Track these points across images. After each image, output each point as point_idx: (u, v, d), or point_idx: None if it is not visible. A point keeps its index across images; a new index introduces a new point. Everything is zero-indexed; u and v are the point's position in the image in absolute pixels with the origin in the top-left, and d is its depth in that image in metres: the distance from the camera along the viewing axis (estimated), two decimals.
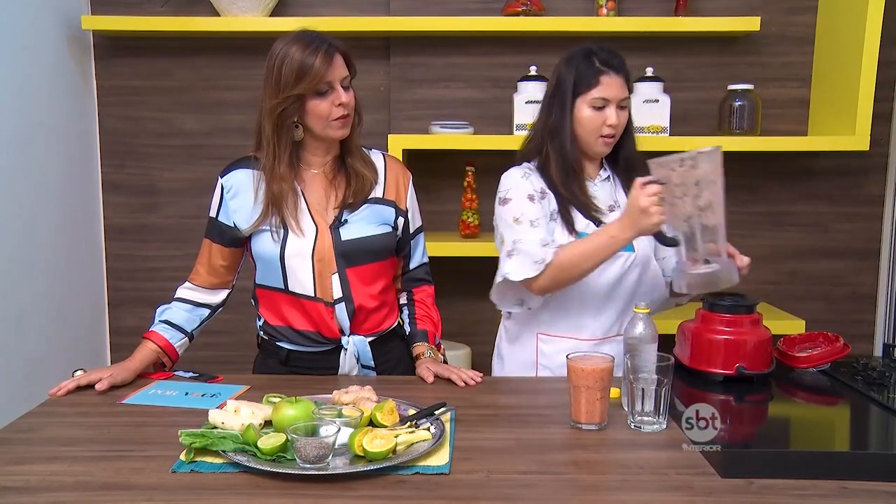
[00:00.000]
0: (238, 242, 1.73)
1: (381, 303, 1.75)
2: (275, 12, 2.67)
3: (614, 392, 1.46)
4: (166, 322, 1.73)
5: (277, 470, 1.18)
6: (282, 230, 1.66)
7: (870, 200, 2.82)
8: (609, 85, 1.72)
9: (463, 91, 2.78)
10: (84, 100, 2.75)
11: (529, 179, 1.76)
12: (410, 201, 1.80)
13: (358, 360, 1.74)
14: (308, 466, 1.18)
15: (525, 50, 2.71)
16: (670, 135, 2.60)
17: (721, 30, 2.61)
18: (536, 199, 1.74)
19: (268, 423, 1.33)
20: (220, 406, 1.42)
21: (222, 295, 1.79)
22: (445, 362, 1.78)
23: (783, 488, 1.16)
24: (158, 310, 1.76)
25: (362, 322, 1.73)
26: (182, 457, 1.24)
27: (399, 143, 2.57)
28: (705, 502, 1.12)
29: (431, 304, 1.85)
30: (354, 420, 1.28)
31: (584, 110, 1.73)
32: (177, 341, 1.73)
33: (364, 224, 1.70)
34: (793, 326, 2.56)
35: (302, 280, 1.67)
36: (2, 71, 2.26)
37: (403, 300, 1.84)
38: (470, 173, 2.71)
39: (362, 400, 1.40)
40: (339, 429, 1.22)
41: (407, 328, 1.82)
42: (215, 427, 1.32)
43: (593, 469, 1.24)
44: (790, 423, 1.54)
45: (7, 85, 2.28)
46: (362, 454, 1.21)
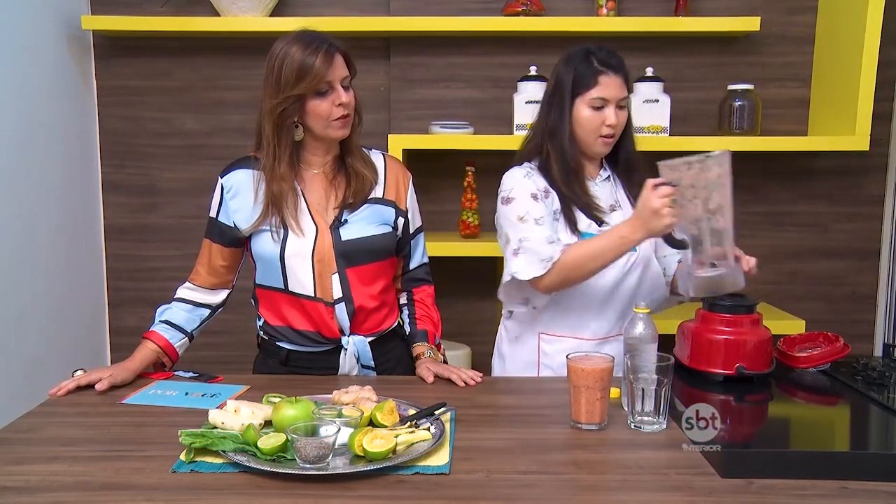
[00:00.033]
0: (238, 242, 1.73)
1: (381, 303, 1.75)
2: (275, 12, 2.67)
3: (614, 392, 1.46)
4: (166, 322, 1.73)
5: (277, 470, 1.18)
6: (282, 230, 1.66)
7: (870, 200, 2.82)
8: (608, 85, 1.71)
9: (463, 91, 2.78)
10: (84, 100, 2.75)
11: (532, 179, 1.76)
12: (410, 201, 1.80)
13: (358, 360, 1.74)
14: (308, 466, 1.18)
15: (525, 50, 2.71)
16: (670, 135, 2.60)
17: (721, 30, 2.61)
18: (540, 198, 1.74)
19: (268, 423, 1.33)
20: (220, 406, 1.42)
21: (222, 295, 1.79)
22: (445, 362, 1.78)
23: (783, 488, 1.16)
24: (158, 310, 1.76)
25: (362, 322, 1.73)
26: (182, 457, 1.24)
27: (399, 143, 2.57)
28: (705, 502, 1.12)
29: (431, 304, 1.85)
30: (354, 420, 1.28)
31: (583, 110, 1.73)
32: (177, 341, 1.73)
33: (364, 224, 1.70)
34: (793, 326, 2.56)
35: (302, 280, 1.67)
36: (2, 71, 2.26)
37: (403, 300, 1.84)
38: (470, 173, 2.71)
39: (362, 400, 1.40)
40: (339, 429, 1.22)
41: (407, 328, 1.82)
42: (215, 427, 1.32)
43: (593, 469, 1.24)
44: (790, 423, 1.54)
45: (7, 85, 2.28)
46: (362, 454, 1.21)
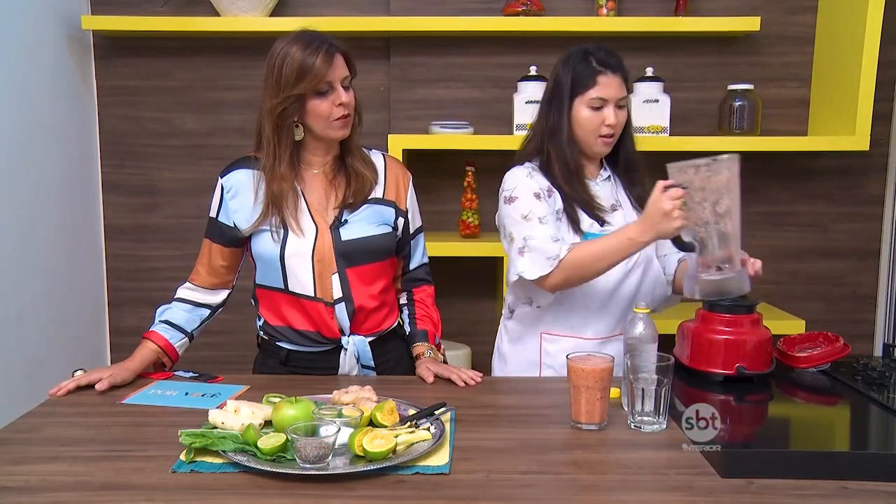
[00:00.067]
0: (238, 242, 1.73)
1: (381, 303, 1.75)
2: (275, 12, 2.67)
3: (614, 392, 1.46)
4: (166, 322, 1.73)
5: (277, 470, 1.18)
6: (282, 230, 1.66)
7: (870, 200, 2.82)
8: (606, 85, 1.71)
9: (463, 91, 2.78)
10: (84, 100, 2.75)
11: (534, 178, 1.76)
12: (410, 202, 1.80)
13: (358, 360, 1.74)
14: (308, 466, 1.18)
15: (525, 50, 2.71)
16: (670, 135, 2.60)
17: (721, 30, 2.61)
18: (543, 197, 1.73)
19: (268, 423, 1.33)
20: (220, 406, 1.42)
21: (222, 295, 1.79)
22: (445, 362, 1.78)
23: (783, 488, 1.16)
24: (158, 310, 1.76)
25: (362, 322, 1.73)
26: (182, 457, 1.24)
27: (399, 143, 2.57)
28: (705, 502, 1.12)
29: (431, 304, 1.85)
30: (354, 420, 1.28)
31: (583, 111, 1.73)
32: (177, 341, 1.73)
33: (364, 224, 1.70)
34: (793, 326, 2.56)
35: (302, 280, 1.67)
36: (2, 71, 2.26)
37: (403, 300, 1.84)
38: (470, 173, 2.71)
39: (362, 400, 1.40)
40: (339, 429, 1.22)
41: (407, 328, 1.82)
42: (215, 427, 1.32)
43: (593, 469, 1.23)
44: (790, 423, 1.53)
45: (7, 85, 2.28)
46: (362, 454, 1.21)
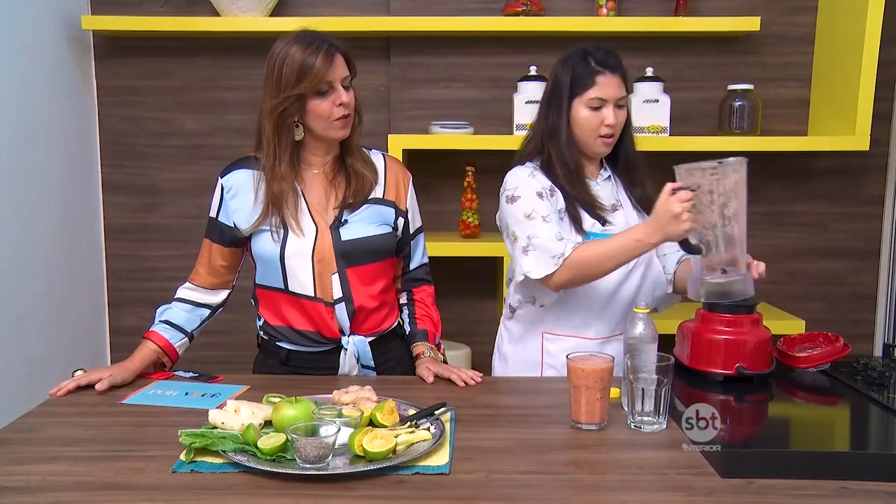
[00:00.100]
0: (238, 242, 1.73)
1: (381, 303, 1.75)
2: (275, 12, 2.67)
3: (614, 392, 1.46)
4: (166, 322, 1.73)
5: (277, 470, 1.18)
6: (282, 230, 1.66)
7: (870, 200, 2.82)
8: (605, 85, 1.71)
9: (463, 91, 2.78)
10: (84, 100, 2.75)
11: (536, 177, 1.76)
12: (410, 202, 1.80)
13: (358, 360, 1.74)
14: (308, 466, 1.18)
15: (525, 50, 2.71)
16: (670, 135, 2.60)
17: (721, 30, 2.61)
18: (545, 196, 1.73)
19: (268, 423, 1.33)
20: (220, 406, 1.42)
21: (222, 295, 1.79)
22: (445, 362, 1.78)
23: (783, 488, 1.16)
24: (158, 310, 1.76)
25: (362, 322, 1.73)
26: (182, 457, 1.24)
27: (399, 143, 2.57)
28: (705, 502, 1.12)
29: (431, 304, 1.85)
30: (354, 420, 1.28)
31: (582, 111, 1.73)
32: (177, 341, 1.73)
33: (364, 224, 1.70)
34: (793, 326, 2.56)
35: (302, 280, 1.67)
36: (2, 71, 2.26)
37: (403, 300, 1.84)
38: (470, 173, 2.71)
39: (362, 400, 1.40)
40: (339, 429, 1.22)
41: (407, 328, 1.82)
42: (215, 427, 1.32)
43: (593, 469, 1.23)
44: (790, 423, 1.53)
45: (7, 85, 2.28)
46: (362, 454, 1.21)
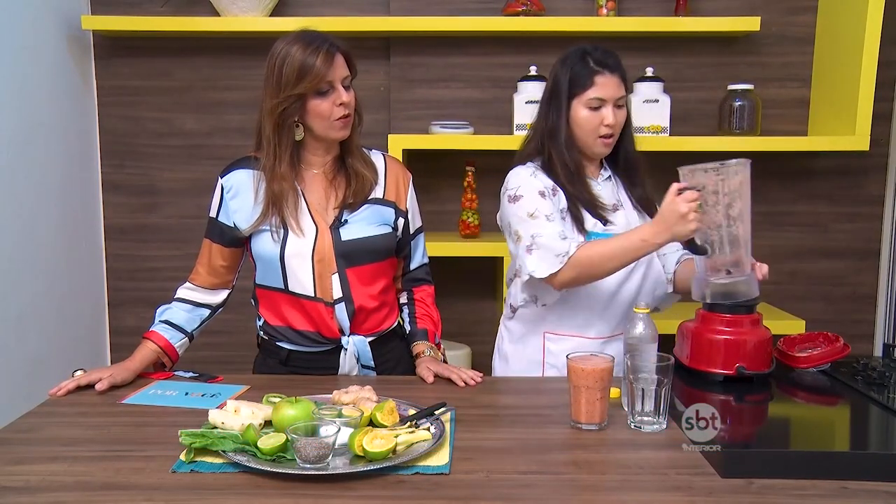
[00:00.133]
0: (238, 242, 1.73)
1: (382, 303, 1.75)
2: (275, 12, 2.67)
3: (614, 392, 1.46)
4: (166, 322, 1.73)
5: (277, 470, 1.18)
6: (282, 230, 1.66)
7: (870, 200, 2.82)
8: (604, 85, 1.71)
9: (463, 91, 2.78)
10: (84, 100, 2.75)
11: (538, 177, 1.75)
12: (410, 202, 1.80)
13: (358, 360, 1.74)
14: (308, 466, 1.18)
15: (525, 50, 2.71)
16: (670, 135, 2.60)
17: (721, 30, 2.61)
18: (548, 196, 1.73)
19: (268, 423, 1.33)
20: (220, 406, 1.42)
21: (222, 295, 1.79)
22: (445, 362, 1.78)
23: (783, 488, 1.16)
24: (158, 310, 1.76)
25: (362, 322, 1.73)
26: (182, 457, 1.24)
27: (399, 143, 2.57)
28: (705, 502, 1.12)
29: (431, 304, 1.86)
30: (354, 420, 1.28)
31: (581, 111, 1.73)
32: (177, 341, 1.73)
33: (364, 224, 1.70)
34: (793, 326, 2.56)
35: (302, 280, 1.67)
36: (2, 71, 2.26)
37: (404, 299, 1.84)
38: (470, 173, 2.71)
39: (362, 400, 1.40)
40: (339, 429, 1.22)
41: (407, 327, 1.82)
42: (215, 427, 1.32)
43: (593, 469, 1.23)
44: (790, 423, 1.53)
45: (7, 85, 2.28)
46: (362, 454, 1.21)
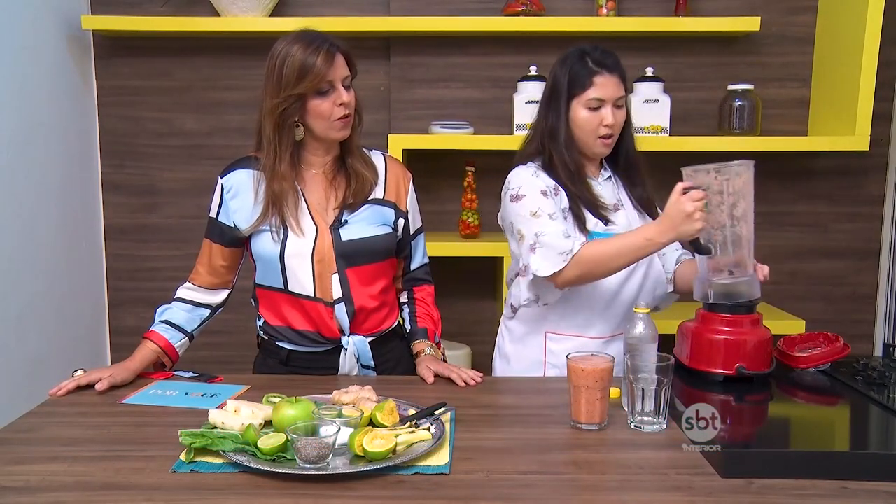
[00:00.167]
0: (238, 242, 1.73)
1: (382, 303, 1.75)
2: (275, 12, 2.67)
3: (614, 392, 1.46)
4: (166, 322, 1.73)
5: (277, 470, 1.18)
6: (282, 230, 1.66)
7: (870, 200, 2.82)
8: (603, 85, 1.71)
9: (463, 91, 2.78)
10: (84, 100, 2.75)
11: (540, 177, 1.75)
12: (411, 202, 1.80)
13: (358, 360, 1.74)
14: (308, 466, 1.18)
15: (525, 50, 2.71)
16: (670, 135, 2.60)
17: (721, 30, 2.61)
18: (550, 195, 1.73)
19: (268, 423, 1.33)
20: (220, 406, 1.42)
21: (222, 295, 1.79)
22: (445, 362, 1.78)
23: (783, 488, 1.16)
24: (158, 310, 1.76)
25: (362, 322, 1.73)
26: (182, 457, 1.24)
27: (399, 143, 2.57)
28: (705, 502, 1.12)
29: (432, 303, 1.86)
30: (354, 420, 1.28)
31: (580, 112, 1.73)
32: (177, 341, 1.73)
33: (364, 225, 1.70)
34: (793, 326, 2.56)
35: (301, 280, 1.67)
36: (2, 71, 2.26)
37: (404, 298, 1.85)
38: (470, 173, 2.71)
39: (362, 400, 1.40)
40: (339, 429, 1.22)
41: (407, 326, 1.82)
42: (215, 427, 1.32)
43: (593, 469, 1.23)
44: (790, 423, 1.53)
45: (7, 85, 2.28)
46: (362, 454, 1.21)
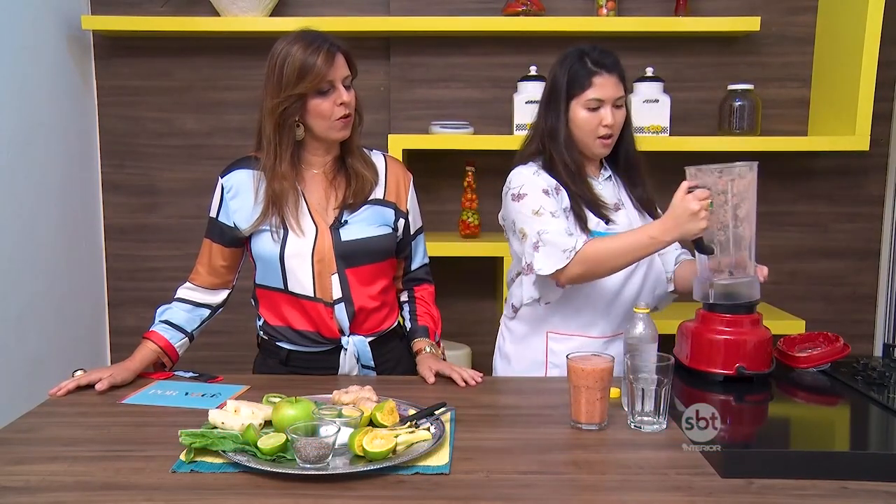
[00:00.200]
0: (238, 242, 1.73)
1: (382, 303, 1.76)
2: (275, 12, 2.67)
3: (614, 392, 1.46)
4: (166, 322, 1.73)
5: (277, 470, 1.18)
6: (282, 230, 1.66)
7: (870, 200, 2.82)
8: (602, 85, 1.71)
9: (463, 91, 2.78)
10: (84, 100, 2.75)
11: (541, 176, 1.75)
12: (411, 203, 1.80)
13: (358, 360, 1.74)
14: (308, 466, 1.18)
15: (525, 50, 2.71)
16: (670, 135, 2.60)
17: (721, 30, 2.61)
18: (551, 194, 1.73)
19: (268, 423, 1.33)
20: (220, 406, 1.42)
21: (222, 295, 1.79)
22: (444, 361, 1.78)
23: (783, 488, 1.16)
24: (158, 310, 1.76)
25: (362, 322, 1.73)
26: (182, 457, 1.24)
27: (399, 143, 2.57)
28: (705, 502, 1.12)
29: (432, 303, 1.86)
30: (354, 420, 1.28)
31: (580, 112, 1.73)
32: (177, 341, 1.73)
33: (364, 225, 1.70)
34: (793, 326, 2.56)
35: (301, 280, 1.67)
36: (2, 71, 2.26)
37: (404, 298, 1.85)
38: (470, 173, 2.71)
39: (362, 400, 1.40)
40: (339, 429, 1.22)
41: (408, 324, 1.82)
42: (215, 427, 1.32)
43: (593, 469, 1.24)
44: (790, 423, 1.53)
45: (7, 85, 2.28)
46: (362, 454, 1.21)
